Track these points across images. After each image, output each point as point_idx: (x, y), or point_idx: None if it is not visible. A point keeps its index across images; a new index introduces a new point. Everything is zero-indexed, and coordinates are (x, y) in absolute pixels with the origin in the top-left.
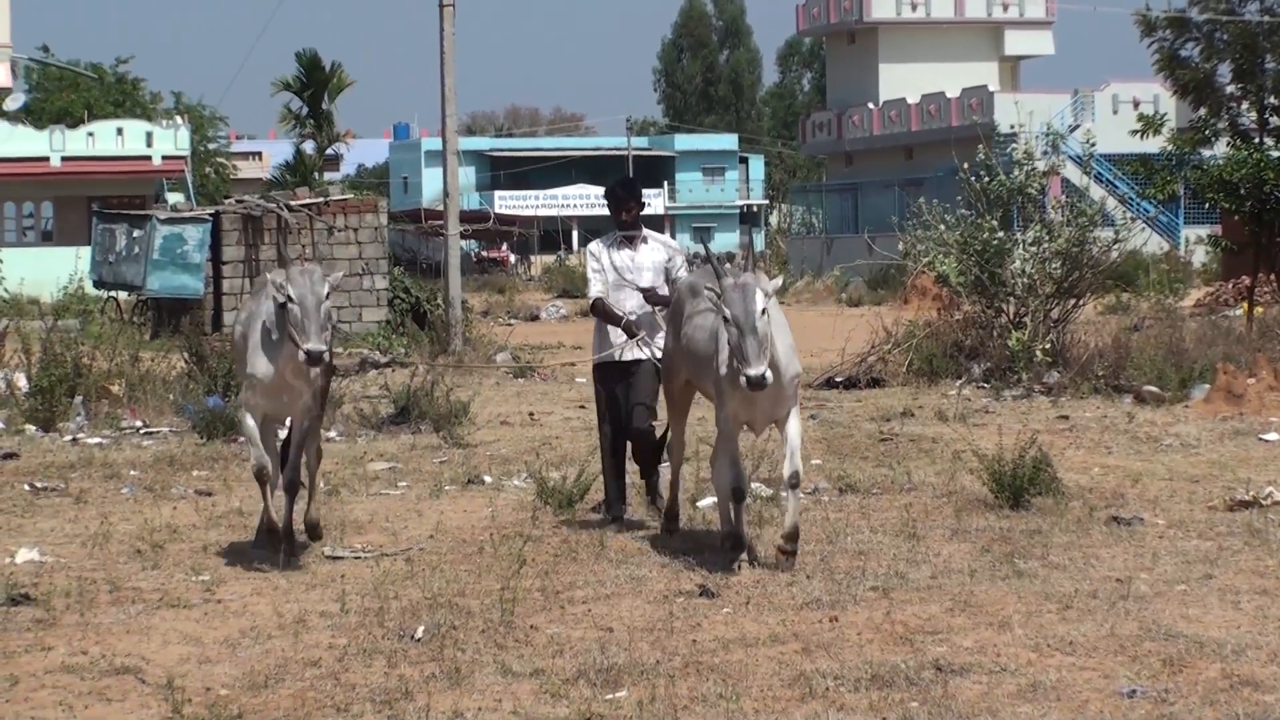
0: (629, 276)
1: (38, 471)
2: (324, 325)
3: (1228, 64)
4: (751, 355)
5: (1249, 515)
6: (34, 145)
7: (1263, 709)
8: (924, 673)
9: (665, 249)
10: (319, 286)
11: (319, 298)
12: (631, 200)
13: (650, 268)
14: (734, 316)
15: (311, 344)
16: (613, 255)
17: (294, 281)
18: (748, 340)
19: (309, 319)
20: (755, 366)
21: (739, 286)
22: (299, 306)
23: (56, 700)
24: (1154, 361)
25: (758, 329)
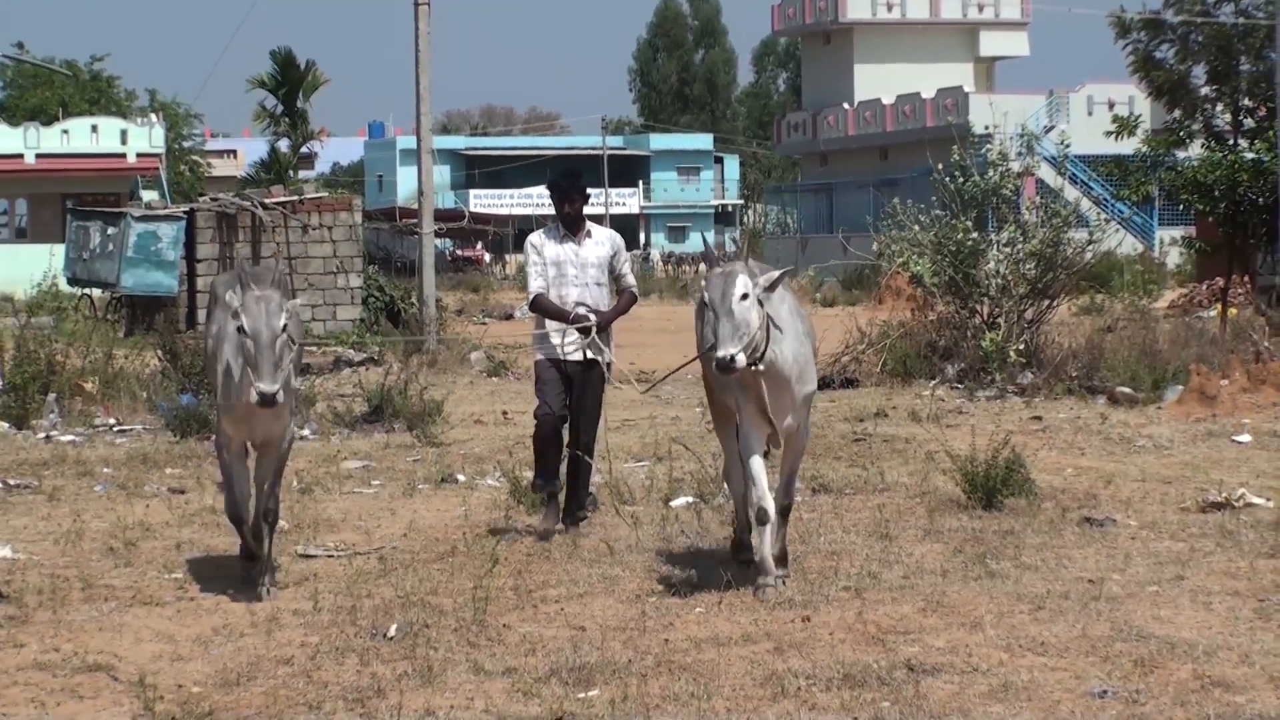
0: (571, 271)
1: (11, 469)
2: (277, 362)
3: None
4: (724, 337)
5: (1221, 517)
6: (8, 142)
7: (1234, 710)
8: (896, 672)
9: (609, 244)
10: (274, 319)
11: (274, 332)
12: (574, 192)
13: (594, 263)
14: (710, 299)
15: (264, 384)
16: (555, 248)
17: (248, 311)
18: (721, 322)
19: (261, 356)
20: (724, 347)
21: (723, 274)
22: (252, 341)
23: (29, 697)
24: (1127, 363)
25: (734, 312)
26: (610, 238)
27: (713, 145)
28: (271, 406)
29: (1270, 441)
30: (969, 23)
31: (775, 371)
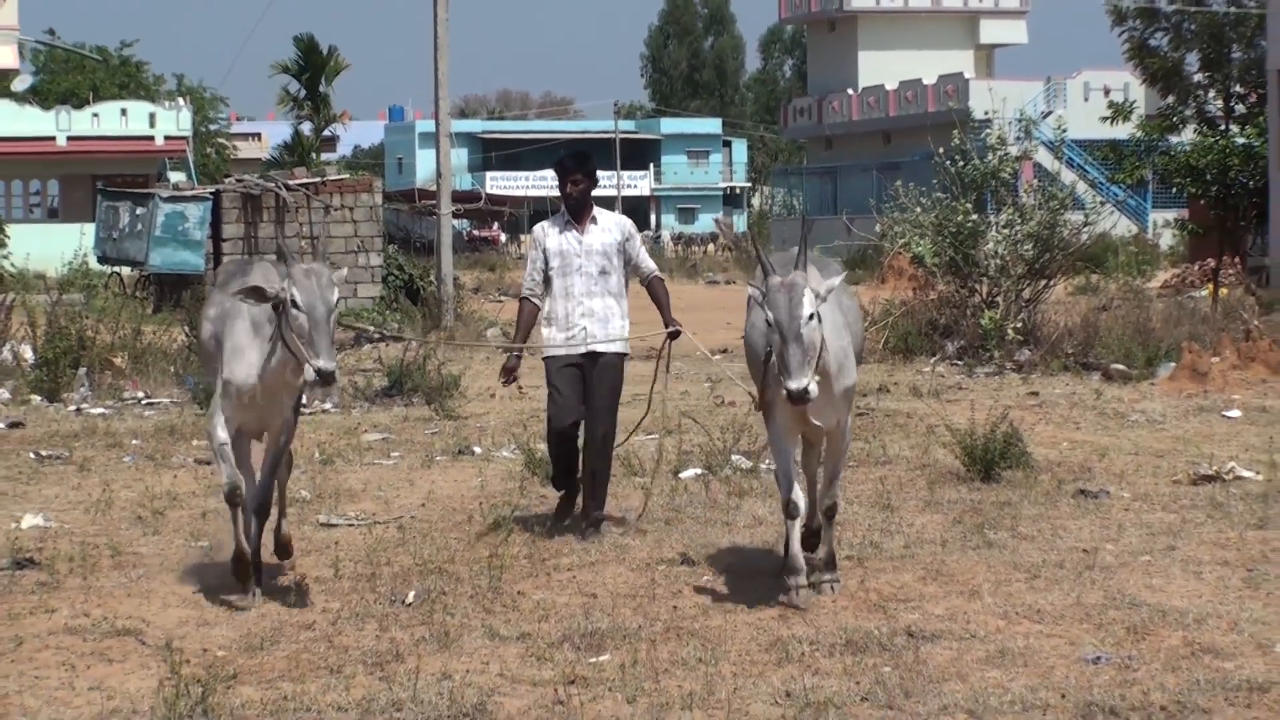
0: (576, 261)
1: (43, 440)
2: (334, 338)
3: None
4: (794, 366)
5: (1211, 489)
6: (41, 125)
7: (1222, 675)
8: (896, 639)
9: (618, 229)
10: (329, 292)
11: (329, 306)
12: (579, 173)
13: (600, 250)
14: (776, 321)
15: (322, 362)
16: (557, 238)
17: (299, 285)
18: (790, 349)
19: (319, 332)
20: (796, 379)
21: (785, 286)
22: (307, 316)
23: (60, 660)
24: (1121, 340)
25: (803, 337)
26: (619, 223)
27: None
28: (331, 384)
29: (1259, 416)
30: (970, 11)
31: (827, 380)
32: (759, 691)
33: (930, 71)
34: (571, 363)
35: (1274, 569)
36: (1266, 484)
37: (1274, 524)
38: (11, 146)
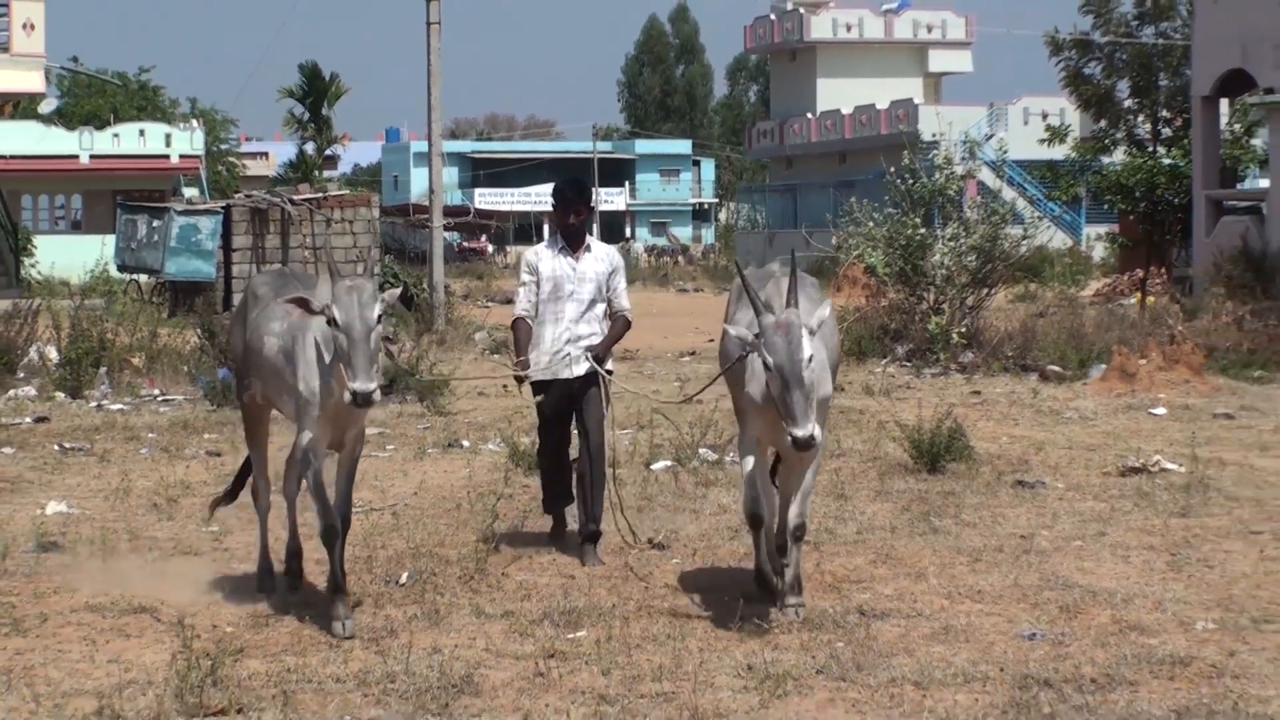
0: (568, 287)
1: (66, 433)
2: (374, 358)
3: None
4: (799, 412)
5: (1139, 480)
6: (65, 144)
7: (1148, 650)
8: (849, 617)
9: (607, 261)
10: (369, 310)
11: (369, 325)
12: (580, 204)
13: (592, 279)
14: (777, 366)
15: (359, 383)
16: (553, 263)
17: (339, 302)
18: (794, 394)
19: (356, 352)
20: (803, 426)
21: (781, 327)
22: (345, 336)
23: (81, 636)
24: (1057, 344)
25: (804, 381)
26: (609, 255)
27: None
28: (369, 406)
29: (1182, 414)
30: (919, 42)
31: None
32: (723, 665)
33: (883, 97)
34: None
35: (1195, 553)
36: (1189, 476)
37: (1196, 512)
38: (38, 164)
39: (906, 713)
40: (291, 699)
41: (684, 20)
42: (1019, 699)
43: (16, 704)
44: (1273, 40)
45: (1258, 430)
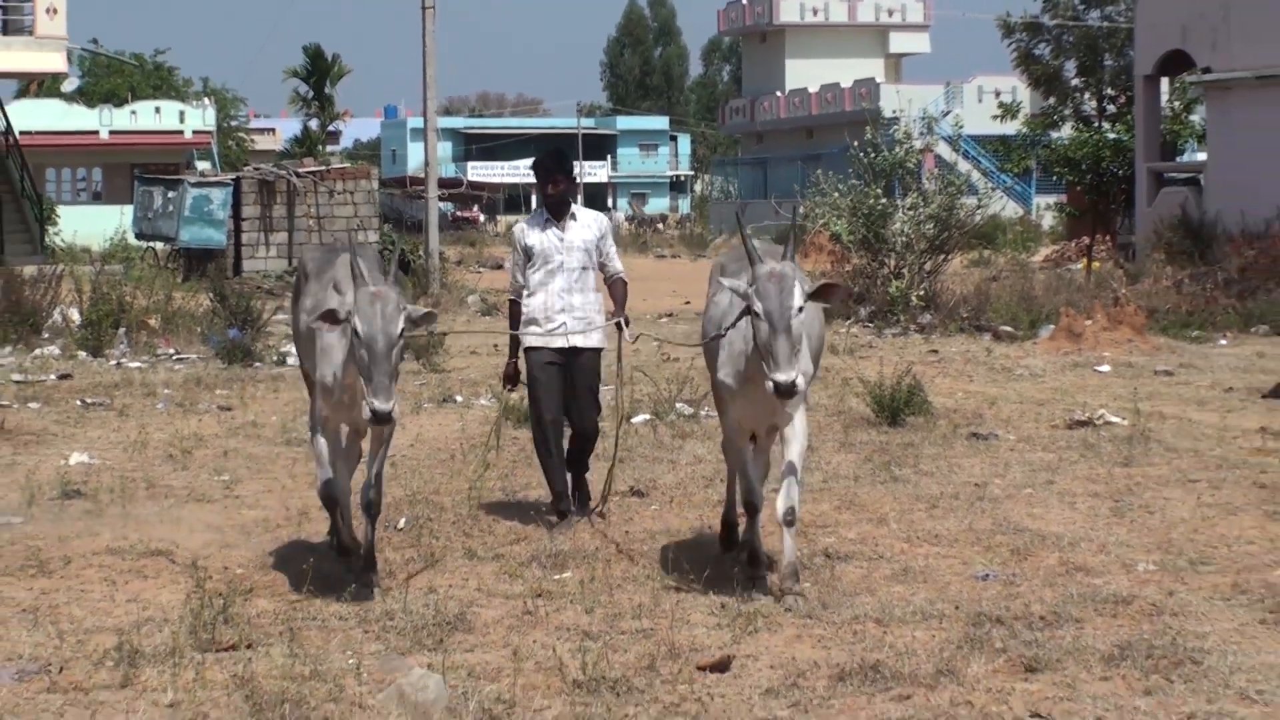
0: (557, 258)
1: (87, 389)
2: (395, 374)
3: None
4: (782, 358)
5: (1084, 433)
6: (86, 121)
7: (1093, 590)
8: (815, 559)
9: (595, 226)
10: (392, 324)
11: (390, 340)
12: (559, 173)
13: (580, 246)
14: (766, 311)
15: (378, 402)
16: (539, 236)
17: (362, 313)
18: (779, 340)
19: (376, 368)
20: (785, 371)
21: (775, 276)
22: (366, 350)
23: (102, 577)
24: (1009, 306)
25: (792, 329)
26: (596, 219)
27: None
28: (385, 424)
29: (1126, 371)
30: (880, 25)
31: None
32: (697, 604)
33: (847, 77)
34: (552, 360)
35: (1137, 500)
36: (1131, 428)
37: (1137, 462)
38: (61, 139)
39: (868, 648)
40: (297, 635)
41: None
42: (973, 635)
43: (42, 639)
44: (1210, 23)
45: (1195, 386)
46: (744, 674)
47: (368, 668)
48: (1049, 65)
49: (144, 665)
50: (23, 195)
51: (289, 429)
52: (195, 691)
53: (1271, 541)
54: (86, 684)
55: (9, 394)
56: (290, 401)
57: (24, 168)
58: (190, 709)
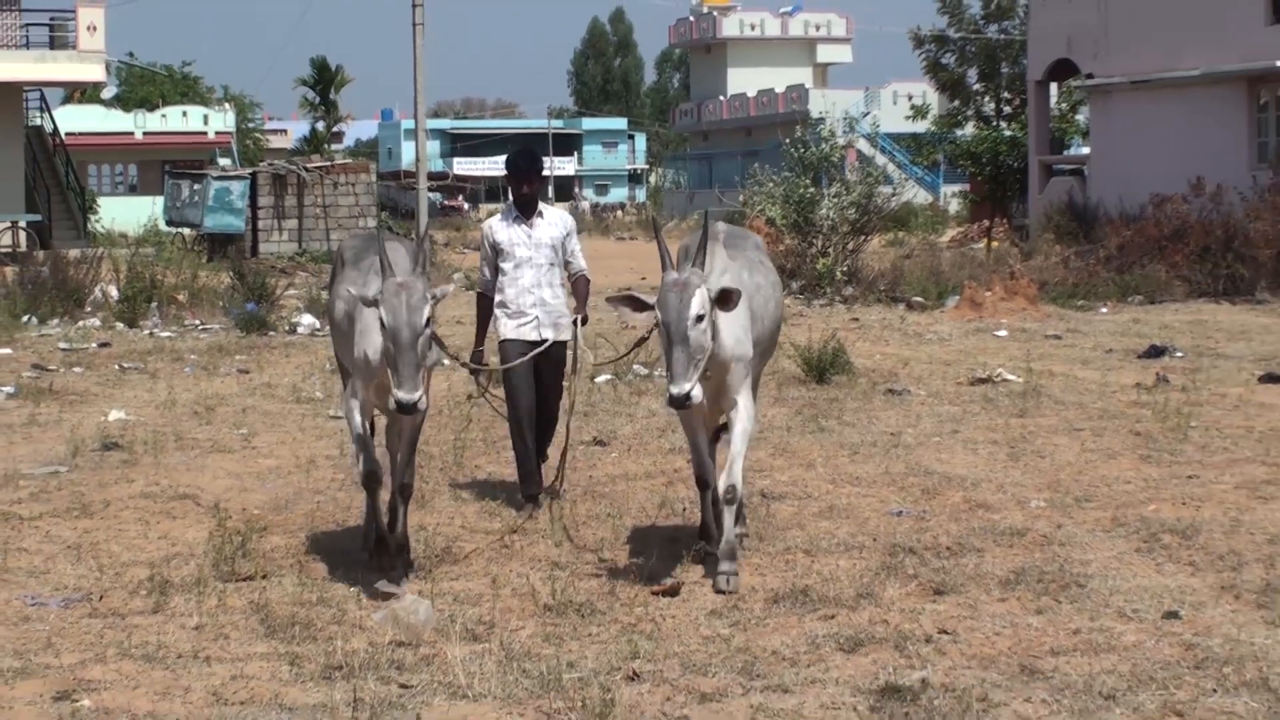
0: (523, 253)
1: (124, 355)
2: (420, 364)
3: (975, 69)
4: (677, 370)
5: (985, 389)
6: (123, 124)
7: (991, 524)
8: (754, 498)
9: (561, 225)
10: (416, 315)
11: (415, 330)
12: (533, 172)
13: (547, 243)
14: (664, 322)
15: (402, 392)
16: (507, 232)
17: (387, 303)
18: (675, 351)
19: (401, 359)
20: (678, 383)
21: (678, 286)
22: (391, 342)
23: (136, 517)
24: (920, 280)
25: (689, 340)
26: (562, 218)
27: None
28: (410, 415)
29: (1020, 335)
30: (809, 38)
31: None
32: (652, 538)
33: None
34: (525, 351)
35: (1030, 446)
36: (1025, 384)
37: (1030, 413)
38: (101, 140)
39: (798, 575)
40: (305, 567)
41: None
42: (889, 563)
43: (85, 572)
44: (1092, 35)
45: (1080, 348)
46: (691, 598)
47: (367, 594)
48: (954, 72)
49: (173, 594)
50: (68, 188)
51: (299, 389)
52: (217, 616)
53: (1145, 481)
54: (123, 610)
55: (56, 360)
56: (300, 365)
57: (69, 164)
58: (213, 631)
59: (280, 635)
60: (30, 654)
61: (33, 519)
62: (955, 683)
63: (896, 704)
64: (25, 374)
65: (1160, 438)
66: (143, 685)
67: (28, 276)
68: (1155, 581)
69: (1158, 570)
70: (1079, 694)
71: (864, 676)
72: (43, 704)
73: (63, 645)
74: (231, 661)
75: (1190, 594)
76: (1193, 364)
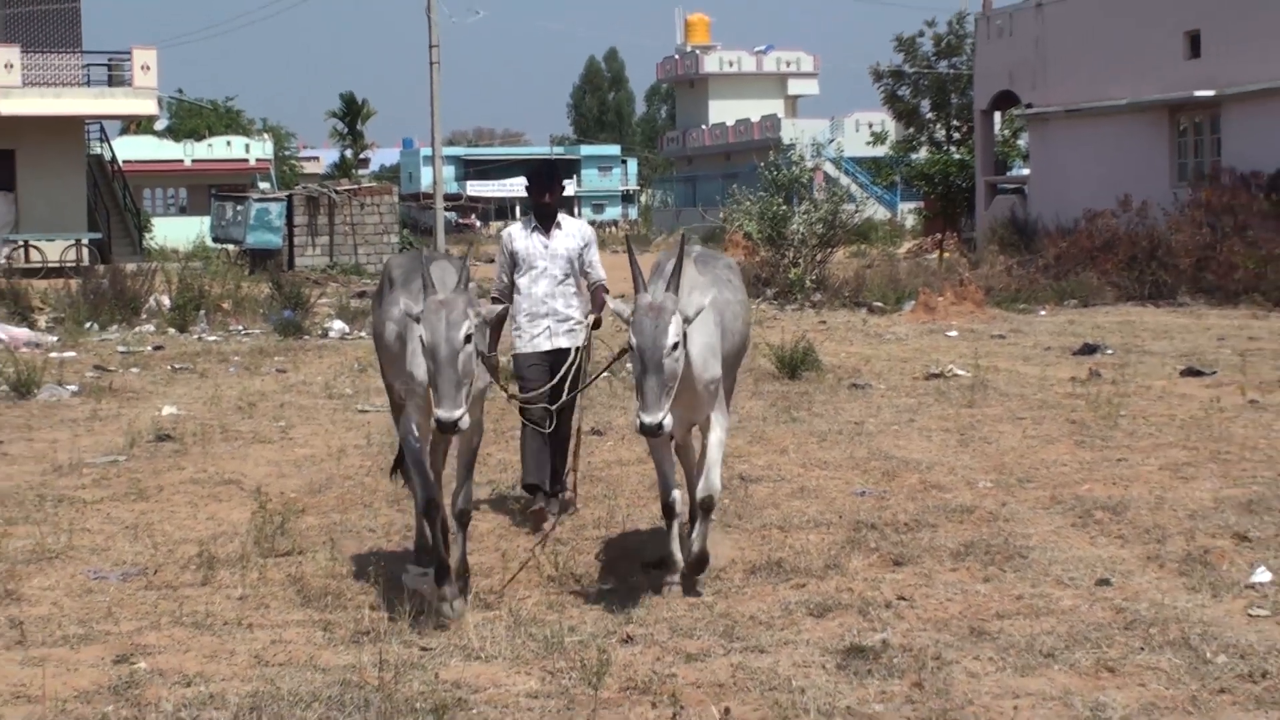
0: (541, 263)
1: (176, 357)
2: (461, 382)
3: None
4: (649, 398)
5: (938, 382)
6: (173, 152)
7: (944, 502)
8: (733, 481)
9: (579, 236)
10: (455, 331)
11: (454, 347)
12: (552, 183)
13: (564, 254)
14: (638, 347)
15: (443, 410)
16: (525, 241)
17: (426, 320)
18: (648, 380)
19: (441, 377)
20: (650, 413)
21: (653, 310)
22: (430, 358)
23: (186, 500)
24: (880, 287)
25: (664, 368)
26: (580, 229)
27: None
28: (452, 434)
29: (969, 335)
30: (781, 73)
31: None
32: (643, 516)
33: (755, 113)
34: (538, 364)
35: (978, 433)
36: (972, 379)
37: (978, 404)
38: (155, 166)
39: (773, 548)
40: (337, 544)
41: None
42: (853, 537)
43: (141, 549)
44: (1031, 69)
45: (1021, 346)
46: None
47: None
48: (909, 103)
49: (219, 568)
50: (125, 209)
51: (330, 386)
52: (259, 587)
53: (1080, 464)
54: (175, 582)
55: (115, 362)
56: (331, 365)
57: (126, 188)
58: (255, 601)
59: (314, 604)
60: (93, 622)
61: (95, 502)
62: (912, 643)
63: (860, 662)
64: (88, 374)
65: (1093, 425)
66: (192, 649)
67: (90, 288)
68: (1089, 553)
69: (1091, 543)
70: (1022, 652)
71: (831, 638)
72: (104, 666)
73: (121, 614)
74: (271, 628)
75: (1120, 564)
76: (1121, 360)
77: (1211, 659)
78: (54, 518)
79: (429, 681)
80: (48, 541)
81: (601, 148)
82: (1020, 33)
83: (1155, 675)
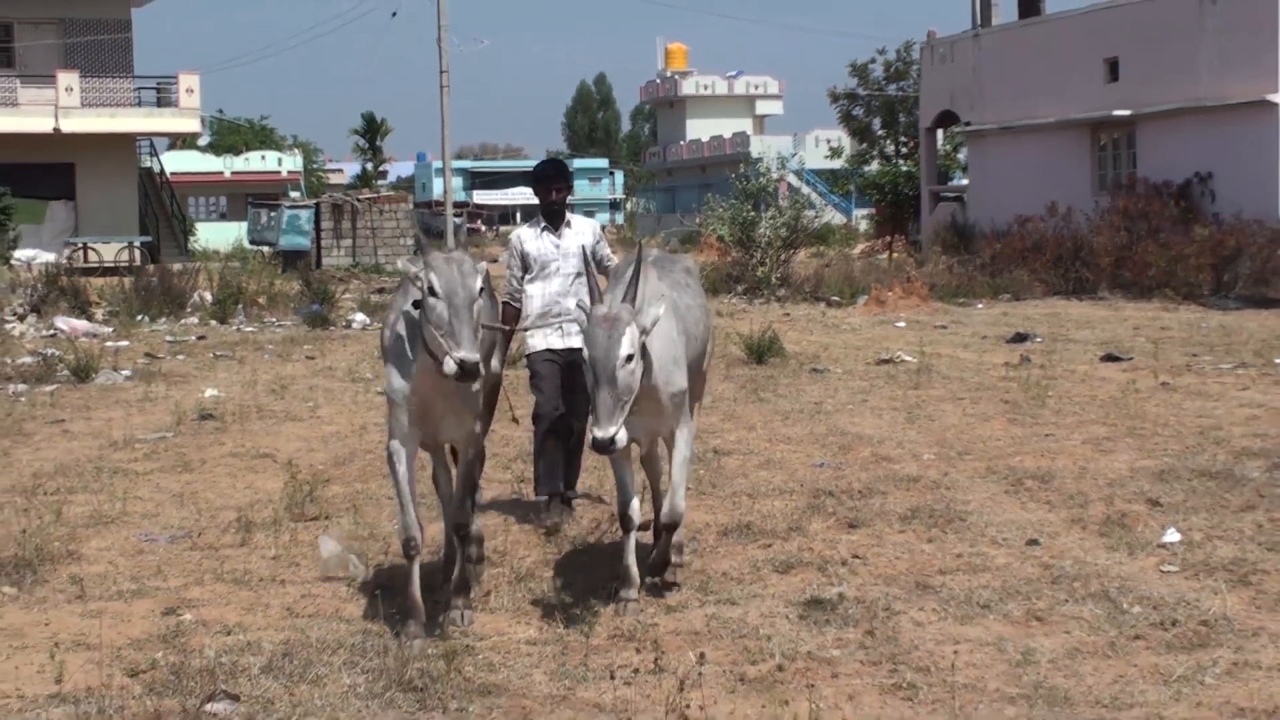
0: (554, 264)
1: (217, 346)
2: (476, 331)
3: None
4: (602, 412)
5: (888, 367)
6: (215, 165)
7: (893, 473)
8: (707, 454)
9: (590, 233)
10: (470, 279)
11: (470, 294)
12: (561, 180)
13: (575, 252)
14: (592, 359)
15: (464, 351)
16: (536, 242)
17: (438, 271)
18: (602, 393)
19: (459, 320)
20: (603, 427)
21: (607, 321)
22: (446, 303)
23: (227, 472)
24: (837, 283)
25: (617, 381)
26: (590, 226)
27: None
28: (474, 378)
29: (916, 326)
30: (750, 95)
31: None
32: None
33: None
34: (551, 359)
35: (923, 412)
36: (918, 364)
37: (923, 386)
38: (198, 178)
39: (743, 513)
40: (359, 510)
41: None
42: (814, 503)
43: (186, 515)
44: (970, 91)
45: (962, 335)
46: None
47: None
48: (862, 121)
49: (255, 531)
50: (172, 216)
51: (353, 371)
52: (290, 549)
53: (1012, 438)
54: (216, 544)
55: (164, 350)
56: (354, 352)
57: (173, 197)
58: (287, 560)
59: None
60: (144, 579)
61: (146, 474)
62: (865, 596)
63: (820, 613)
64: (139, 361)
65: (1024, 405)
66: (232, 602)
67: (141, 285)
68: (1020, 516)
69: (1022, 508)
70: (961, 604)
71: (794, 592)
72: (154, 617)
73: (169, 572)
74: (301, 584)
75: (1047, 526)
76: (1049, 347)
77: (1128, 609)
78: (110, 487)
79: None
80: (104, 508)
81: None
82: (960, 60)
83: (1078, 624)
